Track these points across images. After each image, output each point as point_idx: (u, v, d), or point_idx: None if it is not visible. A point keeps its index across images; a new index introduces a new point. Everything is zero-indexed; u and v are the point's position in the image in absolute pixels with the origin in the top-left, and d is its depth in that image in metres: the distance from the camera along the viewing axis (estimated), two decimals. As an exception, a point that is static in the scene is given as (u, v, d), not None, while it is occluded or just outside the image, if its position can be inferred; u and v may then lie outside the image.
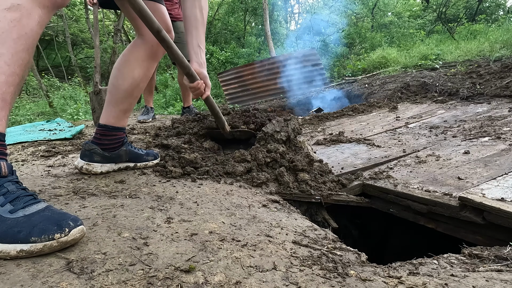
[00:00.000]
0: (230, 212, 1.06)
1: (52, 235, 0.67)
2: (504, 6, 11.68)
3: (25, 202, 0.73)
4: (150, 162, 1.49)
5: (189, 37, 1.29)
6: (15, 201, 0.72)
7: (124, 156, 1.39)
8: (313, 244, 0.91)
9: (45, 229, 0.68)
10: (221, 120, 1.56)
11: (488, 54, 5.03)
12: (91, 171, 1.30)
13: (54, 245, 0.68)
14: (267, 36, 8.60)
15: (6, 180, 0.75)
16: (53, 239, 0.67)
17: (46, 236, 0.67)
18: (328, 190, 1.47)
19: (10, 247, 0.66)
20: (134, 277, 0.64)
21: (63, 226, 0.69)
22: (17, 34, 0.77)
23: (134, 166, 1.44)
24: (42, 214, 0.71)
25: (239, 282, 0.67)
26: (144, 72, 1.33)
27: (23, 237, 0.66)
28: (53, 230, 0.68)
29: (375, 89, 4.73)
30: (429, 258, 0.92)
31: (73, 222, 0.71)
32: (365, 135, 2.60)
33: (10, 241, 0.66)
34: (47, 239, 0.67)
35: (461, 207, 1.24)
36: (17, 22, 0.77)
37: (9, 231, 0.67)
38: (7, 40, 0.76)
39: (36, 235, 0.67)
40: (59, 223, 0.69)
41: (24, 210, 0.71)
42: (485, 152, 1.81)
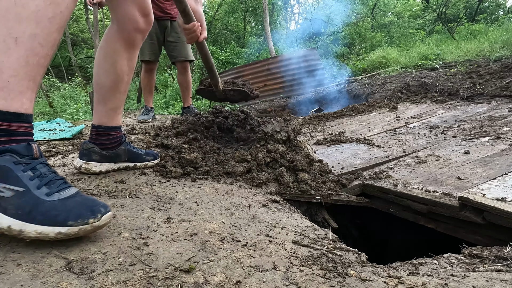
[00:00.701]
0: (230, 212, 1.06)
1: (87, 220, 0.71)
2: (504, 6, 11.69)
3: (58, 185, 0.76)
4: (150, 162, 1.47)
5: None
6: (49, 184, 0.75)
7: (123, 155, 1.36)
8: (313, 244, 0.91)
9: (80, 214, 0.72)
10: (214, 75, 1.44)
11: (488, 54, 5.03)
12: (90, 170, 1.28)
13: (88, 229, 0.72)
14: (267, 36, 8.60)
15: (38, 162, 0.76)
16: (88, 224, 0.72)
17: (81, 220, 0.71)
18: (328, 190, 1.47)
19: (49, 229, 0.69)
20: (134, 277, 0.64)
21: (95, 212, 0.73)
22: (52, 13, 0.75)
23: (134, 166, 1.42)
24: (74, 200, 0.75)
25: (239, 282, 0.67)
26: (127, 64, 1.25)
27: (61, 220, 0.70)
28: (88, 215, 0.72)
29: (375, 89, 4.73)
30: (429, 258, 0.92)
31: (103, 208, 0.75)
32: (365, 135, 2.60)
33: (49, 223, 0.69)
34: (82, 223, 0.71)
35: (461, 207, 1.24)
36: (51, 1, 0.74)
37: (47, 214, 0.70)
38: (42, 19, 0.73)
39: (73, 219, 0.70)
40: (92, 209, 0.73)
41: (58, 194, 0.75)
42: (485, 152, 1.81)
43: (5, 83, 0.70)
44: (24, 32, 0.71)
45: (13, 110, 0.72)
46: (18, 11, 0.71)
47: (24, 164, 0.73)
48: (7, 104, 0.71)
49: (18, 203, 0.69)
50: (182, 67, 3.23)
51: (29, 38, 0.72)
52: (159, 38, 3.11)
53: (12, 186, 0.70)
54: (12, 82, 0.71)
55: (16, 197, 0.70)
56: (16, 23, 0.71)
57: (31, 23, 0.72)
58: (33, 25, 0.72)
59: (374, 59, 6.86)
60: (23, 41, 0.72)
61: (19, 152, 0.73)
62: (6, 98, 0.71)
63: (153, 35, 3.05)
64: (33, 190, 0.72)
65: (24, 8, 0.71)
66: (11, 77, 0.71)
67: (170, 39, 3.11)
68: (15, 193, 0.70)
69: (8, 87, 0.71)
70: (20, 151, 0.73)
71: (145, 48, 3.06)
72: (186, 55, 3.17)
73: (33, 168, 0.74)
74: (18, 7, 0.71)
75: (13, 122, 0.73)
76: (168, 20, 3.08)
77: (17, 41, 0.71)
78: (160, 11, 2.99)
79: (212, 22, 13.52)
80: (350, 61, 8.25)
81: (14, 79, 0.71)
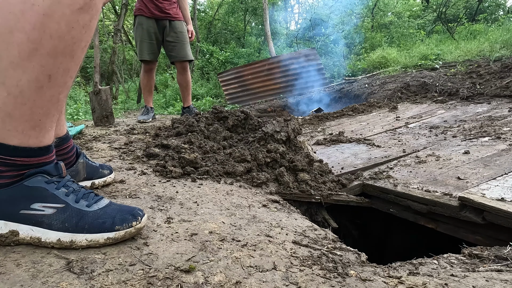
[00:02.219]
0: (230, 212, 1.06)
1: (131, 223, 0.76)
2: (504, 6, 11.69)
3: (92, 198, 0.79)
4: (107, 177, 1.19)
5: None
6: (85, 197, 0.78)
7: (82, 171, 1.09)
8: (313, 244, 0.91)
9: (124, 218, 0.76)
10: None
11: (488, 54, 5.03)
12: None
13: (132, 232, 0.77)
14: (267, 36, 8.60)
15: (67, 180, 0.79)
16: (132, 227, 0.76)
17: (126, 224, 0.75)
18: (328, 190, 1.47)
19: (99, 236, 0.73)
20: (134, 277, 0.64)
21: (136, 216, 0.78)
22: (85, 42, 0.67)
23: (92, 185, 1.13)
24: (112, 207, 0.79)
25: (239, 282, 0.67)
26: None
27: (108, 227, 0.74)
28: (131, 219, 0.77)
29: (375, 89, 4.73)
30: (429, 258, 0.92)
31: (141, 212, 0.80)
32: (365, 135, 2.60)
33: (97, 231, 0.73)
34: (127, 226, 0.76)
35: (461, 207, 1.24)
36: (88, 27, 0.65)
37: (94, 223, 0.73)
38: (77, 51, 0.66)
39: (119, 224, 0.75)
40: (132, 213, 0.78)
41: (97, 204, 0.78)
42: (485, 152, 1.81)
43: (36, 122, 0.68)
44: (59, 68, 0.64)
45: (43, 145, 0.73)
46: (54, 45, 0.62)
47: (55, 183, 0.75)
48: (37, 141, 0.71)
49: (63, 218, 0.72)
50: (181, 67, 3.23)
51: (63, 73, 0.66)
52: (158, 38, 3.11)
53: (52, 204, 0.72)
54: (43, 121, 0.69)
55: (59, 213, 0.72)
56: (51, 58, 0.63)
57: (67, 58, 0.65)
58: (68, 59, 0.65)
59: (374, 59, 6.86)
60: (57, 77, 0.65)
61: (49, 172, 0.75)
62: (38, 136, 0.70)
63: (152, 34, 3.04)
64: (73, 204, 0.74)
65: (60, 41, 0.62)
66: (43, 116, 0.68)
67: (169, 39, 3.11)
68: (57, 209, 0.72)
69: (40, 126, 0.69)
70: (50, 171, 0.75)
71: (144, 48, 3.04)
72: (185, 55, 3.17)
73: (65, 185, 0.76)
74: (54, 41, 0.61)
75: (43, 155, 0.74)
76: (167, 20, 3.08)
77: (51, 78, 0.64)
78: (159, 10, 3.00)
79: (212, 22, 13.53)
80: (350, 61, 8.25)
81: (45, 118, 0.69)
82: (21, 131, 0.67)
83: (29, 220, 0.70)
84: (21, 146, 0.69)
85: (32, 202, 0.71)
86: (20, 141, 0.68)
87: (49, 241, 0.71)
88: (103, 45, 11.61)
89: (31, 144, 0.70)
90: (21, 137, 0.68)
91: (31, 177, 0.72)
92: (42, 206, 0.71)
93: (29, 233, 0.70)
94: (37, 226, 0.71)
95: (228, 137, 1.86)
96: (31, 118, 0.67)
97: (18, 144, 0.68)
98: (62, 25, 0.61)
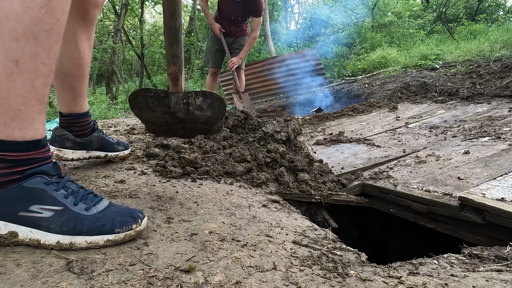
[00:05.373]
0: (230, 212, 1.06)
1: (131, 226, 0.76)
2: (504, 6, 11.69)
3: (91, 199, 0.79)
4: (121, 152, 1.44)
5: None
6: (83, 199, 0.77)
7: (96, 142, 1.31)
8: (313, 244, 0.91)
9: (124, 221, 0.76)
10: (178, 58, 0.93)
11: (488, 54, 5.03)
12: (62, 157, 1.21)
13: (132, 234, 0.77)
14: (267, 36, 8.60)
15: (66, 180, 0.78)
16: (132, 229, 0.76)
17: (126, 227, 0.75)
18: (328, 190, 1.47)
19: (98, 238, 0.73)
20: (134, 277, 0.64)
21: (136, 218, 0.78)
22: (49, 24, 0.66)
23: (105, 156, 1.38)
24: (112, 210, 0.78)
25: (239, 282, 0.67)
26: (87, 44, 1.17)
27: (108, 229, 0.73)
28: (130, 222, 0.76)
29: (375, 89, 4.73)
30: (429, 258, 0.92)
31: (141, 214, 0.80)
32: (365, 135, 2.60)
33: (97, 233, 0.73)
34: (127, 229, 0.75)
35: (461, 207, 1.24)
36: (48, 7, 0.64)
37: (94, 226, 0.73)
38: (40, 33, 0.64)
39: (119, 226, 0.74)
40: (132, 216, 0.78)
41: (96, 207, 0.77)
42: (485, 152, 1.81)
43: (15, 112, 0.67)
44: (24, 52, 0.64)
45: (30, 139, 0.71)
46: (11, 27, 0.61)
47: (55, 184, 0.74)
48: (22, 134, 0.69)
49: (61, 221, 0.71)
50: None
51: (31, 58, 0.65)
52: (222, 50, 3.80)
53: (50, 206, 0.72)
54: (23, 111, 0.68)
55: (57, 216, 0.72)
56: (13, 42, 0.62)
57: (30, 40, 0.64)
58: (32, 42, 0.64)
59: (374, 59, 6.87)
60: (25, 62, 0.65)
61: (48, 172, 0.74)
62: (21, 128, 0.69)
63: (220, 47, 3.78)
64: (72, 207, 0.74)
65: (17, 22, 0.61)
66: (21, 105, 0.67)
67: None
68: (55, 212, 0.72)
69: (20, 116, 0.68)
70: (49, 171, 0.74)
71: (210, 58, 3.88)
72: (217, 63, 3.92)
73: (64, 187, 0.76)
74: (11, 22, 0.61)
75: (32, 150, 0.72)
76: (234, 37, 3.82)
77: (18, 64, 0.64)
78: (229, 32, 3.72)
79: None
80: (350, 61, 8.25)
81: (24, 107, 0.68)
82: (3, 122, 0.67)
83: (27, 222, 0.70)
84: (7, 140, 0.68)
85: (30, 203, 0.70)
86: (5, 134, 0.68)
87: (48, 243, 0.70)
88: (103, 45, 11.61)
89: (16, 137, 0.69)
90: (5, 130, 0.68)
91: (30, 178, 0.71)
92: (40, 208, 0.71)
93: (28, 234, 0.70)
94: (35, 228, 0.70)
95: (228, 137, 1.86)
96: (9, 108, 0.67)
97: (4, 138, 0.68)
98: (16, 5, 0.61)
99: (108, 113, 6.80)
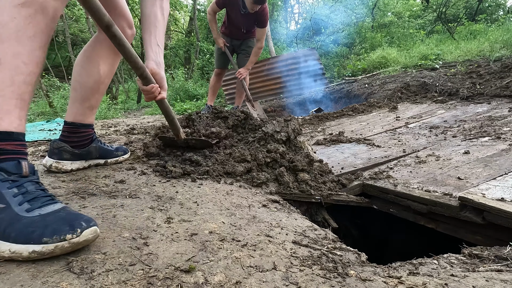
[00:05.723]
0: (230, 212, 1.06)
1: (64, 236, 0.65)
2: (504, 6, 11.69)
3: (42, 202, 0.73)
4: (120, 157, 1.50)
5: (147, 35, 1.17)
6: (33, 200, 0.72)
7: (94, 152, 1.37)
8: (313, 244, 0.91)
9: (57, 229, 0.66)
10: (175, 126, 1.44)
11: (488, 54, 5.03)
12: (61, 169, 1.28)
13: (66, 246, 0.66)
14: (267, 36, 8.60)
15: (27, 180, 0.75)
16: (65, 240, 0.65)
17: (58, 236, 0.65)
18: (328, 190, 1.47)
19: (23, 248, 0.65)
20: (134, 277, 0.64)
21: (75, 227, 0.67)
22: (33, 32, 0.76)
23: (105, 163, 1.44)
24: (57, 215, 0.70)
25: (239, 282, 0.67)
26: (109, 68, 1.32)
27: (35, 238, 0.65)
28: (65, 231, 0.66)
29: (375, 89, 4.73)
30: (429, 258, 0.92)
31: (85, 223, 0.69)
32: (365, 135, 2.60)
33: (24, 241, 0.65)
34: (58, 239, 0.65)
35: (461, 207, 1.24)
36: (32, 18, 0.76)
37: (24, 231, 0.66)
38: (23, 38, 0.75)
39: (48, 235, 0.65)
40: (71, 224, 0.68)
41: (40, 209, 0.71)
42: (485, 152, 1.81)
43: None
44: (6, 52, 0.73)
45: (2, 129, 0.73)
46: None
47: (10, 182, 0.72)
48: None
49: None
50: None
51: (12, 57, 0.74)
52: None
53: None
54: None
55: None
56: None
57: (12, 42, 0.74)
58: (14, 44, 0.74)
59: (374, 59, 6.86)
60: (6, 60, 0.74)
61: (7, 170, 0.73)
62: None
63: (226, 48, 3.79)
64: (14, 207, 0.69)
65: (3, 28, 0.74)
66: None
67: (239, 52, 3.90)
68: None
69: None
70: (8, 169, 0.73)
71: (216, 59, 3.90)
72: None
73: (19, 186, 0.73)
74: None
75: (3, 141, 0.73)
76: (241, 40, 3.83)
77: (0, 61, 0.73)
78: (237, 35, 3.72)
79: (212, 22, 13.49)
80: (350, 61, 8.25)
81: (1, 99, 0.73)
82: None
83: None
84: None
85: None
86: None
87: None
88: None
89: None
90: None
91: None
92: None
93: None
94: None
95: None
96: None
97: None
98: (5, 16, 0.74)
99: (108, 113, 6.81)
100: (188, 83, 9.38)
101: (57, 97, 8.03)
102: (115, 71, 1.38)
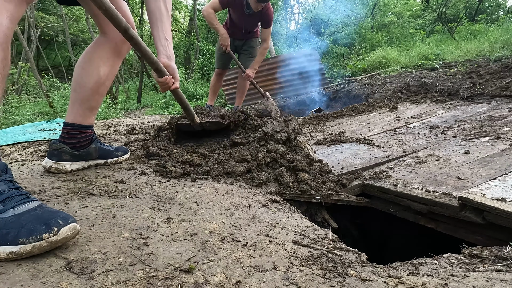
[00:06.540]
0: (230, 212, 1.06)
1: (40, 235, 0.64)
2: (504, 6, 11.69)
3: (16, 201, 0.71)
4: (120, 157, 1.51)
5: (155, 31, 1.23)
6: (6, 201, 0.70)
7: (94, 153, 1.38)
8: (313, 244, 0.91)
9: (32, 229, 0.64)
10: (190, 112, 1.54)
11: (488, 54, 5.03)
12: (61, 170, 1.29)
13: (44, 245, 0.65)
14: (267, 36, 8.58)
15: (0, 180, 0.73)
16: (42, 239, 0.64)
17: (34, 236, 0.64)
18: (328, 190, 1.47)
19: (0, 250, 0.64)
20: (134, 277, 0.64)
21: (51, 225, 0.65)
22: None
23: (105, 163, 1.45)
24: (32, 214, 0.68)
25: (239, 282, 0.67)
26: (110, 70, 1.32)
27: (11, 239, 0.63)
28: (41, 230, 0.64)
29: (375, 89, 4.73)
30: (429, 258, 0.92)
31: (62, 221, 0.67)
32: (365, 135, 2.60)
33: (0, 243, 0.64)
34: (35, 239, 0.64)
35: (461, 207, 1.24)
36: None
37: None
38: None
39: (24, 236, 0.63)
40: (47, 222, 0.66)
41: (14, 209, 0.69)
42: (485, 152, 1.80)
43: None
44: None
45: None
46: None
47: None
48: None
49: None
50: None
51: None
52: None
53: None
54: None
55: None
56: None
57: None
58: None
59: (374, 59, 6.86)
60: None
61: None
62: None
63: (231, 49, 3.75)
64: None
65: None
66: None
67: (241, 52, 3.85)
68: None
69: None
70: None
71: (217, 59, 3.83)
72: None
73: None
74: None
75: None
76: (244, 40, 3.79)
77: None
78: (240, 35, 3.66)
79: (212, 22, 13.49)
80: (350, 61, 8.25)
81: None
82: None
83: None
84: None
85: None
86: None
87: None
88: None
89: None
90: None
91: None
92: None
93: None
94: None
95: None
96: None
97: None
98: None
99: (108, 113, 6.81)
100: (188, 83, 9.38)
101: (57, 97, 8.03)
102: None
